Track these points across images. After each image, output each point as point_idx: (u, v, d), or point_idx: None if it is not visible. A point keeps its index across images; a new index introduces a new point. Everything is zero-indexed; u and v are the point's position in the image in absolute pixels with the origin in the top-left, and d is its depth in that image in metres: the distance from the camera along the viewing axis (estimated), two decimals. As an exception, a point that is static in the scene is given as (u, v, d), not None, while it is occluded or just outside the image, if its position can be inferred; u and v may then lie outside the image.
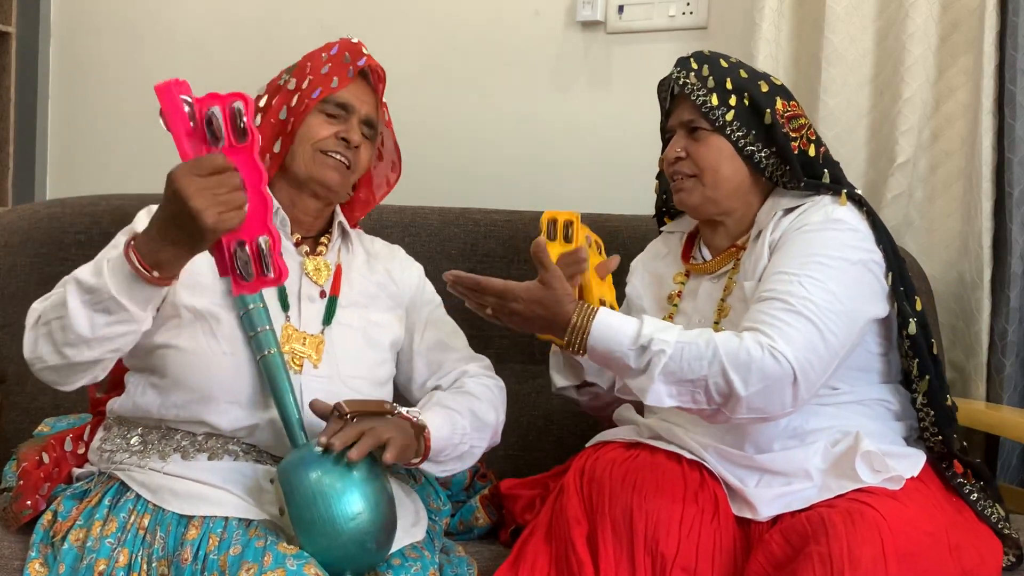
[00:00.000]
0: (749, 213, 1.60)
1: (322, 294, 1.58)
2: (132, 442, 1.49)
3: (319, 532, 1.32)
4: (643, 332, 1.37)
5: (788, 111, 1.57)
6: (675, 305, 1.65)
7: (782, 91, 1.60)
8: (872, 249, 1.48)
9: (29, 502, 1.47)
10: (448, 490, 1.74)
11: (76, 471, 1.55)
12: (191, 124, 1.21)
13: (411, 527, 1.50)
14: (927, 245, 2.03)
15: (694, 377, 1.36)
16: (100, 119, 2.74)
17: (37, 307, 1.39)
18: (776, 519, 1.42)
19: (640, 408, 1.68)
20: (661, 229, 1.79)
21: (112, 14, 2.73)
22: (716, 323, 1.56)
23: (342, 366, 1.53)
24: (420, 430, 1.45)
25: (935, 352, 1.52)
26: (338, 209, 1.67)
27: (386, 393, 1.60)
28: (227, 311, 1.48)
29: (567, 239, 1.60)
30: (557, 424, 1.99)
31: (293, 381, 1.46)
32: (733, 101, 1.56)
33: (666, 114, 1.67)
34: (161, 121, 1.23)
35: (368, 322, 1.59)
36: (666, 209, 1.78)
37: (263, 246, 1.23)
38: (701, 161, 1.57)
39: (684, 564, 1.36)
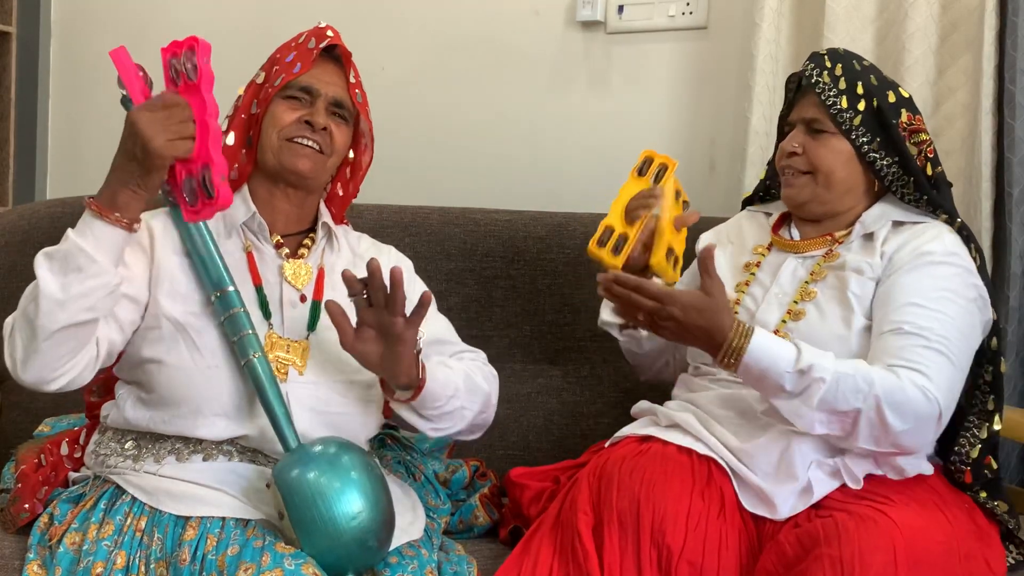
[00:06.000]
0: (852, 214, 1.62)
1: (303, 298, 1.55)
2: (126, 447, 1.48)
3: (321, 533, 1.32)
4: (803, 357, 1.39)
5: (912, 124, 1.58)
6: (752, 274, 1.65)
7: (909, 103, 1.60)
8: (981, 286, 1.54)
9: (27, 505, 1.47)
10: (448, 488, 1.74)
11: (72, 475, 1.55)
12: (145, 85, 1.36)
13: (408, 525, 1.50)
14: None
15: (848, 409, 1.39)
16: (100, 119, 2.74)
17: (8, 319, 1.40)
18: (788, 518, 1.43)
19: (660, 397, 1.69)
20: (749, 208, 1.80)
21: (112, 14, 2.74)
22: (795, 302, 1.57)
23: (328, 371, 1.51)
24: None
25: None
26: (323, 207, 1.64)
27: (375, 394, 1.57)
28: (207, 320, 1.47)
29: (656, 181, 1.61)
30: (557, 424, 1.99)
31: (280, 390, 1.44)
32: (862, 106, 1.56)
33: (788, 105, 1.66)
34: (118, 86, 1.36)
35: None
36: (763, 195, 1.78)
37: (206, 171, 1.32)
38: (817, 161, 1.58)
39: (690, 558, 1.37)
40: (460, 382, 1.51)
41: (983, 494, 1.53)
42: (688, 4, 2.24)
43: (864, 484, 1.44)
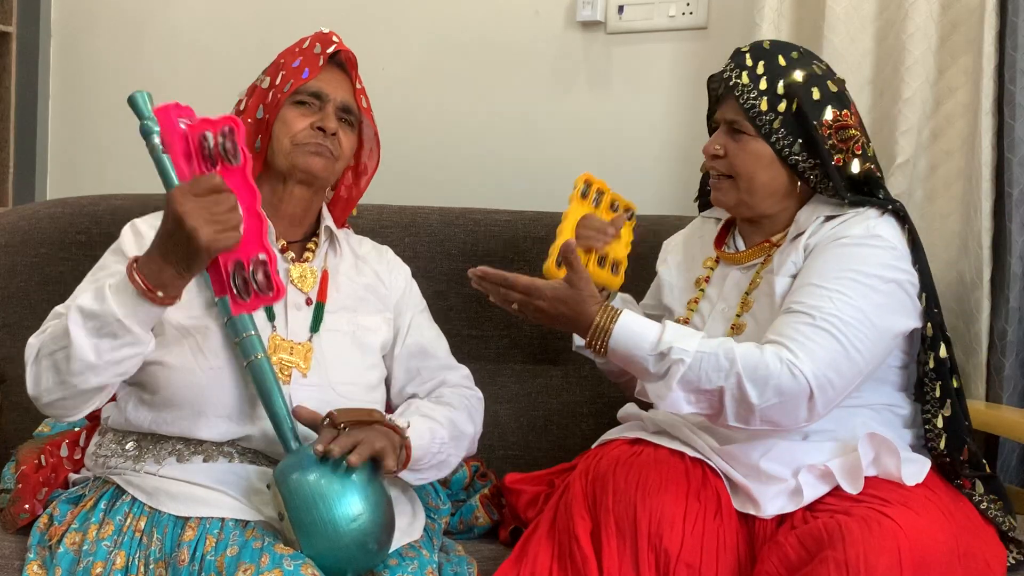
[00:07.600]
0: (787, 215, 1.60)
1: (308, 301, 1.56)
2: (127, 447, 1.49)
3: (321, 535, 1.32)
4: (663, 339, 1.39)
5: (838, 121, 1.54)
6: (701, 289, 1.66)
7: (837, 98, 1.55)
8: (908, 269, 1.50)
9: (27, 506, 1.48)
10: (448, 489, 1.74)
11: (72, 476, 1.55)
12: (188, 146, 1.28)
13: (408, 526, 1.51)
14: (927, 245, 1.98)
15: (711, 387, 1.38)
16: (100, 119, 2.74)
17: (34, 341, 1.39)
18: (782, 518, 1.43)
19: (645, 402, 1.69)
20: (702, 214, 1.79)
21: (112, 14, 2.73)
22: (738, 315, 1.57)
23: (331, 373, 1.52)
24: (403, 440, 1.45)
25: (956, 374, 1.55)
26: (325, 211, 1.66)
27: (378, 397, 1.59)
28: (213, 321, 1.48)
29: (596, 205, 1.68)
30: (557, 424, 1.99)
31: (283, 391, 1.45)
32: (782, 107, 1.53)
33: (716, 101, 1.64)
34: (159, 142, 1.31)
35: (357, 326, 1.59)
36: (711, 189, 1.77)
37: (260, 264, 1.29)
38: (738, 165, 1.56)
39: (688, 560, 1.37)
40: (445, 434, 1.53)
41: (979, 489, 1.51)
42: (688, 4, 2.24)
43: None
